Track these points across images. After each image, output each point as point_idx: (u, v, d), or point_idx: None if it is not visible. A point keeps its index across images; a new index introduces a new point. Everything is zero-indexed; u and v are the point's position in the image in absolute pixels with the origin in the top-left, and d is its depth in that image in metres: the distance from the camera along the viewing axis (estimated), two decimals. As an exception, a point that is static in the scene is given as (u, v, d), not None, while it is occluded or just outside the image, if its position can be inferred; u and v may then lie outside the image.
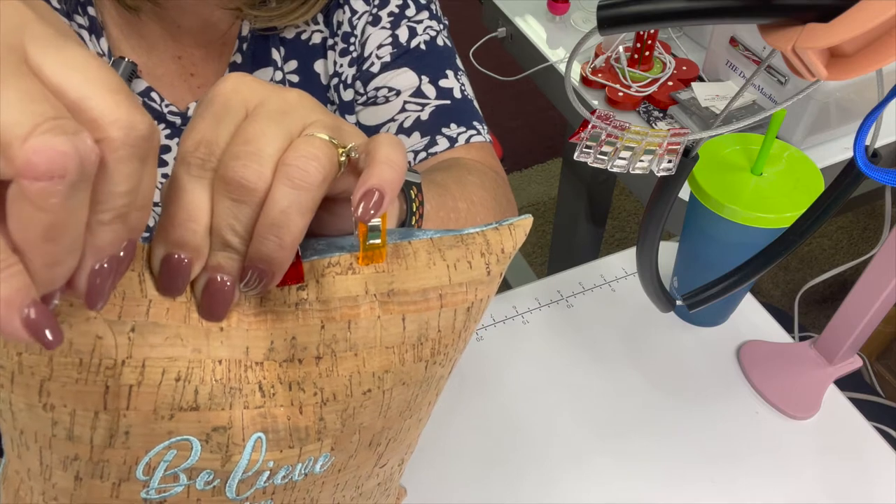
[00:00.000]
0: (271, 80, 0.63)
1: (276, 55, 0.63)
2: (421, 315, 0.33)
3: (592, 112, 0.39)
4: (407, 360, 0.33)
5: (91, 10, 0.57)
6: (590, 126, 0.39)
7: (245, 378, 0.30)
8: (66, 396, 0.28)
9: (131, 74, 0.57)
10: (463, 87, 0.67)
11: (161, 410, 0.29)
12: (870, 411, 0.68)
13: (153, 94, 0.60)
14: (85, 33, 0.57)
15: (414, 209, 0.41)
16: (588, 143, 0.39)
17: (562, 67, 1.07)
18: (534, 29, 1.14)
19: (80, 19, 0.57)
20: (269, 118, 0.29)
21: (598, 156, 0.39)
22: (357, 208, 0.28)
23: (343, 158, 0.29)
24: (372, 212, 0.28)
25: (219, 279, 0.29)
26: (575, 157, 0.39)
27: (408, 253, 0.33)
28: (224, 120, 0.28)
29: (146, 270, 0.29)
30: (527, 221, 0.36)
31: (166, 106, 0.60)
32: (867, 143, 0.38)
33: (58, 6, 0.56)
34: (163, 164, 0.61)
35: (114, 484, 0.30)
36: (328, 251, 0.32)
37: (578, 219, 1.43)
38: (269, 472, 0.31)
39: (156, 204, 0.56)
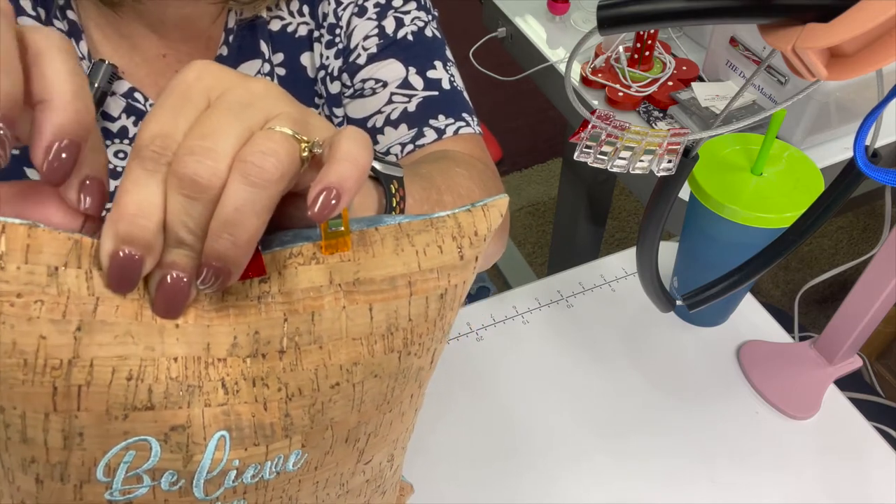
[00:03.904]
0: (259, 72, 0.62)
1: (265, 47, 0.62)
2: (389, 304, 0.32)
3: (592, 112, 0.39)
4: (377, 351, 0.32)
5: (71, 14, 0.57)
6: (590, 126, 0.39)
7: (206, 375, 0.29)
8: (14, 398, 0.27)
9: (111, 77, 0.57)
10: (452, 78, 0.66)
11: (114, 411, 0.28)
12: (870, 411, 0.68)
13: (136, 95, 0.59)
14: None
15: (394, 204, 0.40)
16: (588, 143, 0.39)
17: (562, 67, 1.07)
18: (534, 29, 1.14)
19: (59, 24, 0.56)
20: (229, 110, 0.28)
21: (598, 156, 0.39)
22: (312, 207, 0.27)
23: (306, 154, 0.28)
24: (327, 211, 0.27)
25: (174, 276, 0.28)
26: (575, 157, 0.39)
27: (374, 240, 0.32)
28: (183, 111, 0.27)
29: (94, 267, 0.28)
30: (501, 201, 0.34)
31: (150, 105, 0.60)
32: (867, 143, 0.38)
33: (33, 13, 0.56)
34: None
35: (75, 486, 0.30)
36: (294, 242, 0.31)
37: (578, 219, 1.43)
38: (235, 471, 0.31)
39: None
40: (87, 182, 0.28)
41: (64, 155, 0.26)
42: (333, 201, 0.27)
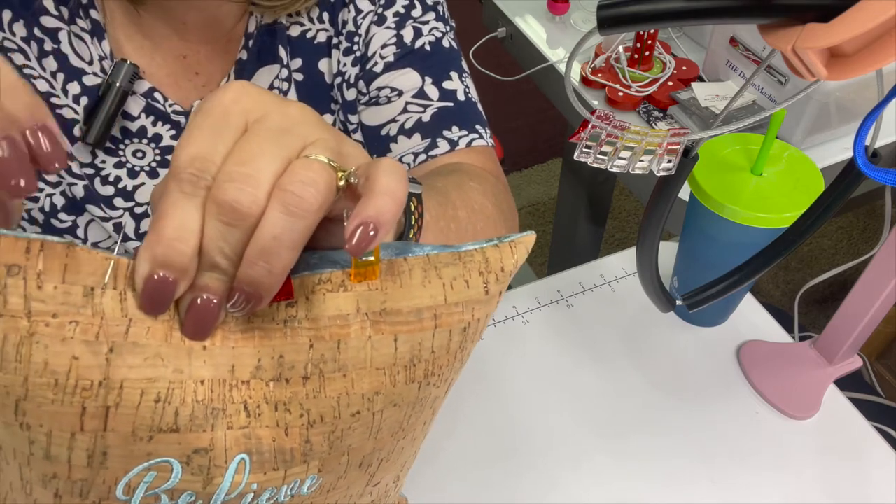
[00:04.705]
0: (277, 77, 0.63)
1: (283, 52, 0.63)
2: (414, 335, 0.32)
3: (592, 112, 0.39)
4: (398, 381, 0.32)
5: (94, 14, 0.57)
6: (590, 126, 0.39)
7: (230, 397, 0.29)
8: (41, 417, 0.27)
9: (133, 76, 0.58)
10: (467, 90, 0.66)
11: (140, 432, 0.28)
12: (870, 411, 0.68)
13: (156, 95, 0.60)
14: (87, 36, 0.57)
15: (413, 221, 0.40)
16: (588, 143, 0.39)
17: (562, 67, 1.07)
18: (534, 29, 1.14)
19: (83, 23, 0.57)
20: (268, 136, 0.28)
21: (598, 156, 0.39)
22: (350, 240, 0.27)
23: (342, 183, 0.28)
24: (365, 245, 0.27)
25: (205, 298, 0.28)
26: (575, 157, 0.39)
27: (403, 270, 0.32)
28: (222, 134, 0.28)
29: (128, 288, 0.28)
30: (529, 238, 0.35)
31: (170, 105, 0.60)
32: (867, 142, 0.38)
33: (56, 12, 0.56)
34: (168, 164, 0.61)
35: (94, 502, 0.30)
36: (321, 266, 0.31)
37: (578, 219, 1.43)
38: (252, 494, 0.31)
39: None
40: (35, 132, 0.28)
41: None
42: (371, 233, 0.27)
